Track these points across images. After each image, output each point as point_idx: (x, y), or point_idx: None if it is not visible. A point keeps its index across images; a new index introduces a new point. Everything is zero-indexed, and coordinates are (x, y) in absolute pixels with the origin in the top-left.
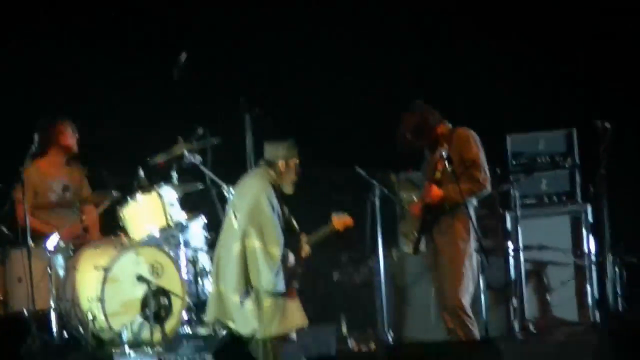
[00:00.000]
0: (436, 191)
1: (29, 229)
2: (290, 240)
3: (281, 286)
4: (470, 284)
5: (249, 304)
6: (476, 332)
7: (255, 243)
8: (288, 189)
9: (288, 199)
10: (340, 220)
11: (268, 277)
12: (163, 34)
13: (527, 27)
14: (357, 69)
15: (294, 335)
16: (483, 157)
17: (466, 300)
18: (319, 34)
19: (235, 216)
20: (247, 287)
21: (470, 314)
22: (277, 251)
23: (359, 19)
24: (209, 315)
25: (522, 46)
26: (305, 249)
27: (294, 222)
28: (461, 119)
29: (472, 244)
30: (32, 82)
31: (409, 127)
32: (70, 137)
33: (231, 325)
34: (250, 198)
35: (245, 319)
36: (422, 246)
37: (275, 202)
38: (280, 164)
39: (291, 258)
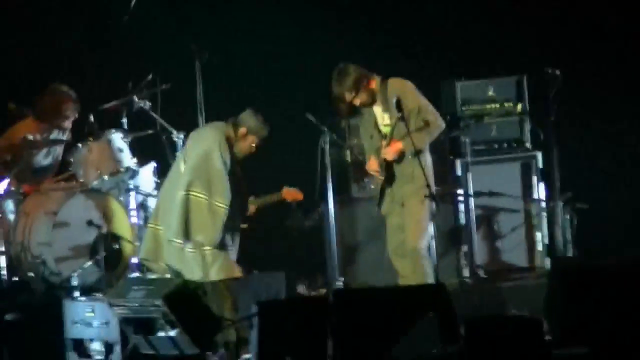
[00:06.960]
0: (398, 145)
1: None
2: (238, 200)
3: (217, 243)
4: (430, 228)
5: (189, 248)
6: (432, 277)
7: (201, 195)
8: (237, 155)
9: None
10: (289, 193)
11: (209, 233)
12: None
13: None
14: (308, 14)
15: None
16: (423, 98)
17: (425, 245)
18: None
19: (185, 162)
20: (187, 236)
21: (429, 258)
22: (222, 207)
23: None
24: (140, 253)
25: None
26: (251, 209)
27: (245, 184)
28: (411, 66)
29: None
30: None
31: (347, 86)
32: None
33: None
34: (202, 149)
35: (186, 263)
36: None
37: (229, 158)
38: (242, 130)
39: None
